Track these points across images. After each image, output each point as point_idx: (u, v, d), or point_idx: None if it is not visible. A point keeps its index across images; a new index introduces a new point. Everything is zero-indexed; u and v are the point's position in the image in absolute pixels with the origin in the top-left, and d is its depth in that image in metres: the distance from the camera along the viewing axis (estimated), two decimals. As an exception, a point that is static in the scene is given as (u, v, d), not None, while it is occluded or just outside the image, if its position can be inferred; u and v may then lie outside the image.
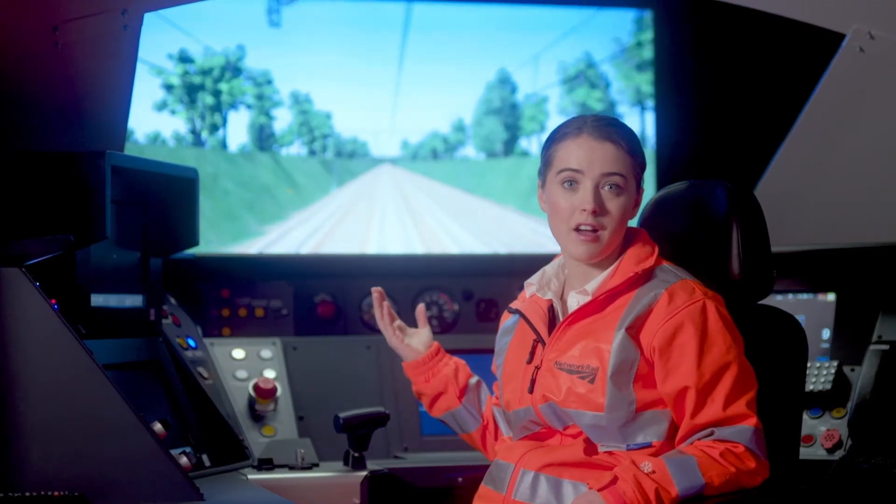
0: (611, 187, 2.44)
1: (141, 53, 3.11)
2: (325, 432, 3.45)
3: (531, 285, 2.57)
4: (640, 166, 2.49)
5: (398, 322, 2.85)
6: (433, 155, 4.45)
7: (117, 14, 2.89)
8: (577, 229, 2.44)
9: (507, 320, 2.66)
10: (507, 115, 4.49)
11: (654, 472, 2.31)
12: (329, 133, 4.33)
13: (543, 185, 2.51)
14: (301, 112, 4.31)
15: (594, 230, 2.43)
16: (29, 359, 2.58)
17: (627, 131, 2.48)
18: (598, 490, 2.30)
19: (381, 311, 2.83)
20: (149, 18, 3.02)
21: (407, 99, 4.38)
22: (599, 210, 2.43)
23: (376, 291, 2.84)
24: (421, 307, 2.91)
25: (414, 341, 2.83)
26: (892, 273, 3.50)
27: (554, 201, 2.47)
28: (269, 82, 4.29)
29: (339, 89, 4.32)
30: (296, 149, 4.35)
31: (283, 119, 4.32)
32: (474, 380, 2.79)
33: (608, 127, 2.46)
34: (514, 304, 2.64)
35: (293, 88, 4.29)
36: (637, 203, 2.50)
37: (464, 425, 2.77)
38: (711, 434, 2.35)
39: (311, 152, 4.34)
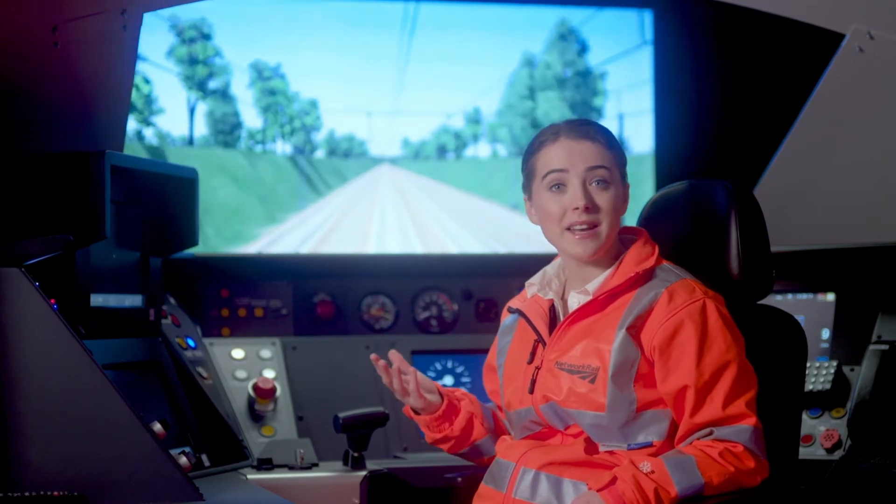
0: (598, 182, 2.45)
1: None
2: (324, 432, 3.45)
3: (532, 285, 2.57)
4: (621, 160, 2.50)
5: (409, 379, 2.63)
6: (441, 152, 4.28)
7: (117, 14, 2.89)
8: (570, 229, 2.44)
9: (506, 319, 2.66)
10: (577, 86, 4.02)
11: (653, 471, 2.30)
12: (315, 125, 4.03)
13: (530, 198, 2.52)
14: (267, 92, 3.51)
15: (590, 227, 2.44)
16: (29, 359, 2.58)
17: (602, 128, 2.51)
18: (598, 490, 2.30)
19: (391, 377, 2.62)
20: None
21: (409, 96, 4.33)
22: (591, 206, 2.43)
23: (376, 361, 2.62)
24: (393, 353, 2.66)
25: (424, 389, 2.64)
26: (891, 273, 3.50)
27: (544, 207, 2.48)
28: (207, 38, 3.39)
29: (332, 83, 4.17)
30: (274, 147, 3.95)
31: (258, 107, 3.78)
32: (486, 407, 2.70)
33: (583, 126, 2.48)
34: (514, 304, 2.64)
35: (256, 58, 3.49)
36: (625, 197, 2.50)
37: (489, 450, 2.68)
38: (710, 434, 2.35)
39: (298, 151, 4.02)
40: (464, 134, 4.29)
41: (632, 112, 2.48)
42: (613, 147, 2.48)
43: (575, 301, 2.51)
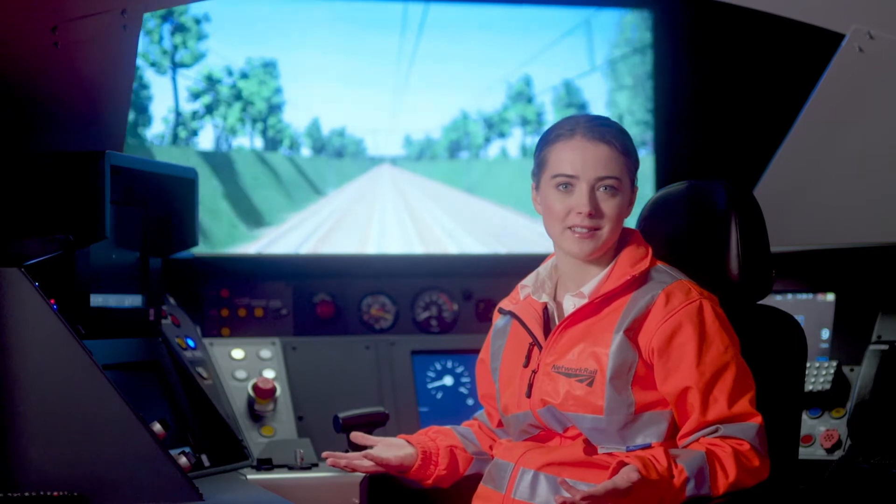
0: (606, 189, 2.44)
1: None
2: (324, 432, 3.45)
3: (526, 287, 2.56)
4: (634, 165, 2.49)
5: (365, 451, 2.64)
6: (453, 150, 4.15)
7: (117, 14, 2.89)
8: (571, 228, 2.44)
9: (498, 321, 2.65)
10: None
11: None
12: (272, 100, 3.83)
13: (538, 188, 2.51)
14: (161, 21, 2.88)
15: (590, 230, 2.43)
16: (29, 359, 2.58)
17: (620, 131, 2.48)
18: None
19: (346, 461, 2.62)
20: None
21: (411, 94, 4.27)
22: (595, 212, 2.42)
23: (329, 456, 2.60)
24: (356, 434, 2.69)
25: (393, 450, 2.65)
26: (891, 273, 3.50)
27: (549, 203, 2.46)
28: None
29: (329, 80, 4.08)
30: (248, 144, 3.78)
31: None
32: (459, 432, 2.70)
33: (601, 127, 2.46)
34: (506, 305, 2.62)
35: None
36: (632, 202, 2.50)
37: (484, 469, 2.65)
38: (717, 431, 2.35)
39: (269, 146, 3.88)
40: (500, 119, 4.14)
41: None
42: (628, 153, 2.46)
43: (570, 304, 2.50)
